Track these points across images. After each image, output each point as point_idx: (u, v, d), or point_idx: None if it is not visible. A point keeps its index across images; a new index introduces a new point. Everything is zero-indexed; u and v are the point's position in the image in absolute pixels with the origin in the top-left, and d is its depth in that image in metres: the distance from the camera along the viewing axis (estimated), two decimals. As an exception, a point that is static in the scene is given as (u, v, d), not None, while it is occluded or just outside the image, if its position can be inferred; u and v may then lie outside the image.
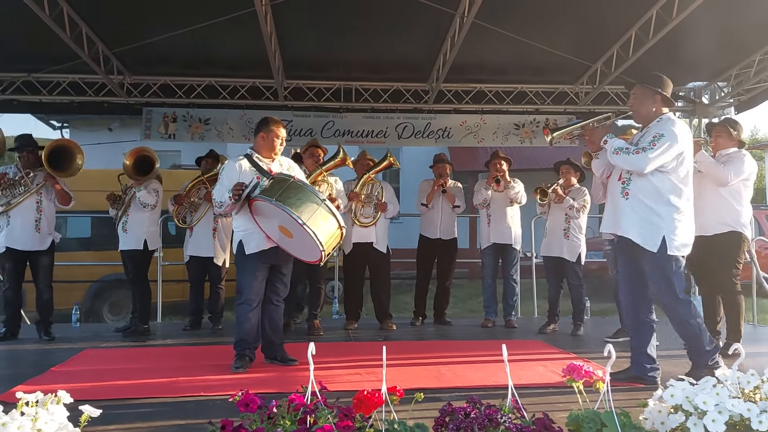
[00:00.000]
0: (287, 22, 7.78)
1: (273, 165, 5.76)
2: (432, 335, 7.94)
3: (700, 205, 6.38)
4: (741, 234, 6.35)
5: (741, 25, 8.28)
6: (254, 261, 5.66)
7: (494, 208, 8.32)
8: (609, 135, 5.14)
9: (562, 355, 6.35)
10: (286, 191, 5.27)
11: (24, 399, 2.72)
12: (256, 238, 5.63)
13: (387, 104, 10.02)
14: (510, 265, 8.38)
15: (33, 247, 7.31)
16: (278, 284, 5.84)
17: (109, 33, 8.17)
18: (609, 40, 8.60)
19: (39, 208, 7.33)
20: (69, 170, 7.36)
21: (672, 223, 4.89)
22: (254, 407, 2.83)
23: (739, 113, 10.16)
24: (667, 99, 5.09)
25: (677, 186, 4.93)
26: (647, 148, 4.84)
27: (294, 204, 5.19)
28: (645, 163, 4.84)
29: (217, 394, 4.72)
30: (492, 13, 7.34)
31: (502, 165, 8.30)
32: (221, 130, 9.79)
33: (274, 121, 5.84)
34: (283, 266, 5.80)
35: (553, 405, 4.28)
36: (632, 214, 5.01)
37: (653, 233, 4.91)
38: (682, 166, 4.94)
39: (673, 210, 4.89)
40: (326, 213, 5.28)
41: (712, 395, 2.81)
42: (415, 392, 3.13)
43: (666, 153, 4.83)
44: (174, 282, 10.54)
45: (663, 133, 4.85)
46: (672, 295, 4.97)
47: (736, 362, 3.01)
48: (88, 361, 6.17)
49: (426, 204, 8.41)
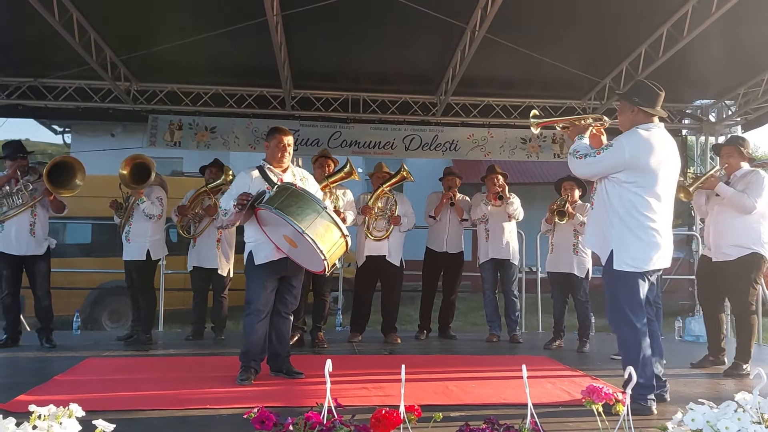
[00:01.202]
0: (297, 32, 7.78)
1: (285, 175, 5.72)
2: (437, 349, 7.87)
3: (721, 231, 6.39)
4: (761, 255, 6.30)
5: (750, 44, 8.29)
6: (264, 271, 5.60)
7: (492, 223, 8.29)
8: (580, 136, 4.99)
9: (568, 372, 6.29)
10: (287, 199, 5.23)
11: (37, 412, 2.66)
12: (265, 248, 5.58)
13: (395, 116, 10.01)
14: (509, 281, 8.33)
15: (29, 251, 7.24)
16: (288, 296, 5.78)
17: (117, 40, 8.16)
18: (618, 57, 8.60)
19: (33, 212, 7.26)
20: (68, 187, 7.26)
21: (622, 236, 4.67)
22: (270, 424, 2.78)
23: (746, 132, 10.20)
24: (647, 110, 4.79)
25: (633, 200, 4.65)
26: (590, 155, 4.76)
27: (294, 212, 5.14)
28: (583, 167, 4.82)
29: (223, 407, 4.67)
30: (502, 28, 7.31)
31: (500, 180, 8.27)
32: (227, 138, 9.75)
33: (279, 129, 5.83)
34: (293, 278, 5.74)
35: (565, 425, 4.24)
36: (593, 224, 4.98)
37: (604, 245, 4.80)
38: (642, 179, 4.64)
39: (624, 223, 4.65)
40: (328, 222, 5.21)
41: (734, 420, 2.75)
42: (423, 408, 3.07)
43: (606, 161, 4.68)
44: (175, 290, 10.47)
45: (613, 143, 4.72)
46: (616, 312, 4.78)
47: (758, 386, 2.95)
48: (90, 371, 6.10)
49: (434, 216, 8.36)
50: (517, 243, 8.44)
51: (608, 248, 4.75)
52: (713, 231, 6.48)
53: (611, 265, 4.72)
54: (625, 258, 4.67)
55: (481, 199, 8.38)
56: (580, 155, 4.81)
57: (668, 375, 5.16)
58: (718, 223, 6.44)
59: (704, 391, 5.44)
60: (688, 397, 5.12)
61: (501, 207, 8.21)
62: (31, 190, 7.23)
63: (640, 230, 4.66)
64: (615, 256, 4.70)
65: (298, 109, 9.84)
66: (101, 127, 18.29)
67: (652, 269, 4.74)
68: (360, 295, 8.16)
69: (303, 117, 9.92)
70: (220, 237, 7.97)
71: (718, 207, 6.43)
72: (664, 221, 4.74)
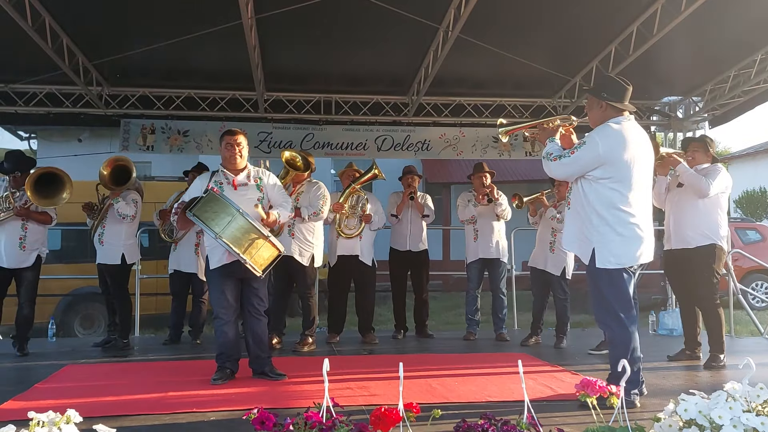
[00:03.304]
0: (270, 34, 7.75)
1: (239, 177, 5.77)
2: (416, 348, 7.91)
3: (681, 219, 6.52)
4: (720, 246, 6.46)
5: (717, 42, 8.41)
6: (218, 275, 5.67)
7: (481, 223, 8.30)
8: (551, 138, 4.98)
9: (548, 367, 6.35)
10: (204, 205, 5.35)
11: (36, 418, 2.66)
12: (218, 252, 5.62)
13: (366, 117, 10.02)
14: (498, 279, 8.33)
15: (18, 264, 7.18)
16: (252, 297, 5.79)
17: (89, 45, 8.07)
18: (588, 54, 8.69)
19: (24, 226, 7.19)
20: (53, 199, 7.19)
21: (603, 234, 4.66)
22: (270, 425, 2.79)
23: (713, 128, 10.38)
24: (615, 105, 4.80)
25: (611, 196, 4.66)
26: (564, 156, 4.74)
27: (208, 217, 5.29)
28: (559, 168, 4.78)
29: (210, 410, 4.69)
30: (474, 27, 7.35)
31: (487, 179, 8.29)
32: (200, 142, 9.72)
33: (226, 131, 5.91)
34: (252, 280, 5.70)
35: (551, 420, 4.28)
36: (571, 225, 4.95)
37: (585, 244, 4.79)
38: (619, 173, 4.65)
39: (604, 221, 4.65)
40: (243, 224, 5.31)
41: (726, 409, 2.82)
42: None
43: (581, 160, 4.67)
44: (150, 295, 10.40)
45: (585, 141, 4.71)
46: (603, 310, 4.80)
47: (747, 376, 3.03)
48: (71, 377, 6.08)
49: (396, 215, 8.38)
50: (505, 241, 8.46)
51: (589, 247, 4.75)
52: (673, 219, 6.57)
53: (594, 263, 4.72)
54: (608, 255, 4.67)
55: (468, 199, 8.41)
56: (554, 157, 4.80)
57: (646, 369, 5.22)
58: (677, 212, 6.55)
59: (683, 383, 5.55)
60: (667, 389, 5.25)
61: (489, 207, 8.25)
62: (18, 195, 7.17)
63: (620, 226, 4.65)
64: (597, 255, 4.70)
65: (270, 112, 9.80)
66: (68, 132, 18.08)
67: (636, 264, 4.75)
68: (335, 296, 8.15)
69: (276, 119, 9.90)
70: (198, 242, 7.95)
71: (678, 197, 6.54)
72: (643, 215, 4.75)
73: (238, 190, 5.70)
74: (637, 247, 4.71)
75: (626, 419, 2.86)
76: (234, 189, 5.68)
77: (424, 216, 8.45)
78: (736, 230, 14.74)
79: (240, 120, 9.64)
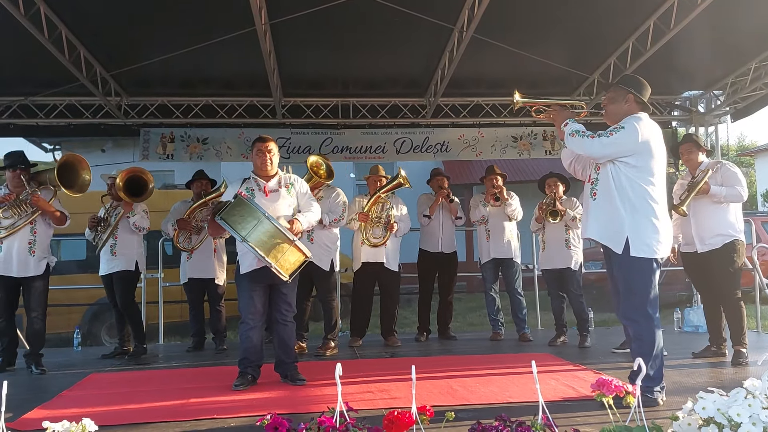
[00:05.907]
0: (285, 40, 7.78)
1: (270, 183, 5.80)
2: (438, 350, 7.88)
3: (702, 222, 6.52)
4: (740, 240, 6.49)
5: (736, 34, 8.31)
6: (248, 281, 5.69)
7: (493, 224, 8.33)
8: (571, 119, 4.91)
9: (571, 367, 6.31)
10: (232, 209, 5.38)
11: (51, 428, 2.67)
12: (248, 258, 5.64)
13: (385, 119, 10.03)
14: (513, 279, 8.33)
15: (27, 272, 6.88)
16: (281, 303, 5.80)
17: (106, 55, 8.15)
18: (606, 51, 8.62)
19: (33, 230, 6.94)
20: (76, 186, 7.08)
21: (636, 223, 4.63)
22: (283, 430, 2.79)
23: (735, 121, 10.28)
24: (642, 102, 4.84)
25: (643, 186, 4.65)
26: (602, 134, 4.66)
27: (235, 221, 5.30)
28: (597, 147, 4.67)
29: (231, 416, 4.69)
30: (489, 27, 7.33)
31: (498, 181, 8.33)
32: (219, 149, 9.76)
33: (258, 138, 5.93)
34: (281, 285, 5.70)
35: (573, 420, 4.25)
36: (598, 215, 4.85)
37: (617, 234, 4.71)
38: (647, 165, 4.67)
39: (636, 210, 4.64)
40: (269, 228, 5.32)
41: (744, 407, 2.78)
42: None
43: (621, 142, 4.62)
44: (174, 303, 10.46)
45: (624, 125, 4.66)
46: (632, 301, 4.72)
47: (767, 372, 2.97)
48: (95, 386, 6.13)
49: (429, 215, 8.37)
50: (518, 240, 8.47)
51: (622, 236, 4.68)
52: (695, 224, 6.57)
53: (628, 252, 4.66)
54: (641, 245, 4.64)
55: (480, 200, 8.43)
56: (590, 135, 4.72)
57: (671, 366, 5.20)
58: (698, 217, 6.56)
59: (707, 381, 5.47)
60: (691, 387, 5.17)
61: (500, 207, 8.25)
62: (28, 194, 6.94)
63: (654, 217, 4.65)
64: (631, 243, 4.65)
65: (288, 117, 9.83)
66: (92, 143, 18.25)
67: (664, 256, 4.76)
68: (358, 302, 8.14)
69: (294, 125, 9.93)
70: (216, 247, 7.99)
71: (695, 201, 6.52)
72: (664, 209, 4.77)
73: (270, 196, 5.74)
74: (665, 239, 4.71)
75: (643, 418, 2.82)
76: (265, 195, 5.72)
77: (457, 218, 8.46)
78: (763, 224, 14.52)
79: (258, 126, 9.68)
